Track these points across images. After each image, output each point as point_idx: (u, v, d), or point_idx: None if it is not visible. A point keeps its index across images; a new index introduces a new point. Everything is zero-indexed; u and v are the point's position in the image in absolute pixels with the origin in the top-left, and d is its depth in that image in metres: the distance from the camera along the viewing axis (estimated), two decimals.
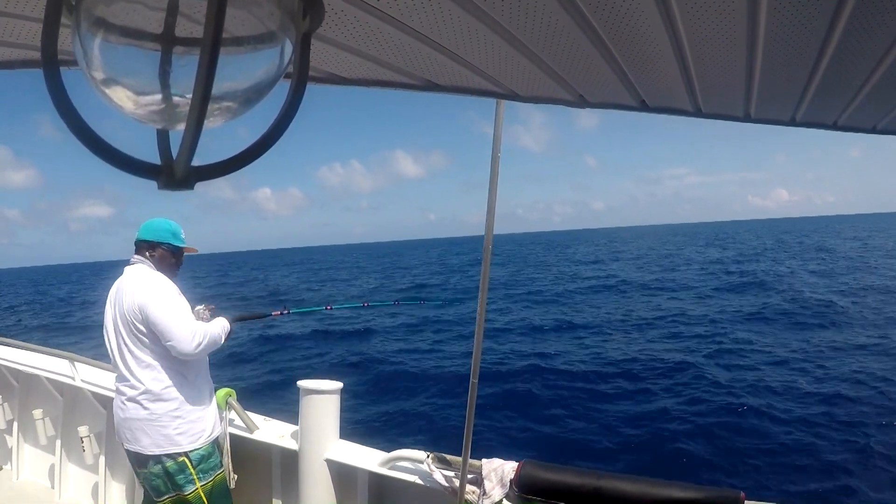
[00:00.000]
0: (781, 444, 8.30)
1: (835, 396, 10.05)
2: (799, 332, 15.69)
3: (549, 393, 11.21)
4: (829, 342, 14.24)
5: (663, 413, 9.76)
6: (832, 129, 1.70)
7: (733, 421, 9.22)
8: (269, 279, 56.78)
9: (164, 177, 0.63)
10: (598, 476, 2.76)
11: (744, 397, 10.22)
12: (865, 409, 9.37)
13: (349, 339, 18.25)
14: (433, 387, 11.98)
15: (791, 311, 18.55)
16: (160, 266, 3.23)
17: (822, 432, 8.59)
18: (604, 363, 13.23)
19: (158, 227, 3.29)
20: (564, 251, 76.19)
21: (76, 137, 0.59)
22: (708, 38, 1.07)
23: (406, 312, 22.44)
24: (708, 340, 15.09)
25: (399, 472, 3.31)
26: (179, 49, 0.66)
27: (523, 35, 1.08)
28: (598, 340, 15.99)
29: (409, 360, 14.86)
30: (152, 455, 3.03)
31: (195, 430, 3.08)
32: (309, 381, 3.54)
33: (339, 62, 1.23)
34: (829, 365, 12.03)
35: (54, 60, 0.58)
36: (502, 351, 15.05)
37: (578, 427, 9.38)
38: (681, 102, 1.50)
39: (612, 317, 19.78)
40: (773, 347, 14.05)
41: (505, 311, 22.52)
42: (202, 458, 3.10)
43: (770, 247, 58.10)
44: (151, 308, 2.99)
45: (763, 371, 11.89)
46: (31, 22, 0.97)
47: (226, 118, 0.70)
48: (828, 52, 1.12)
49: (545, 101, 1.51)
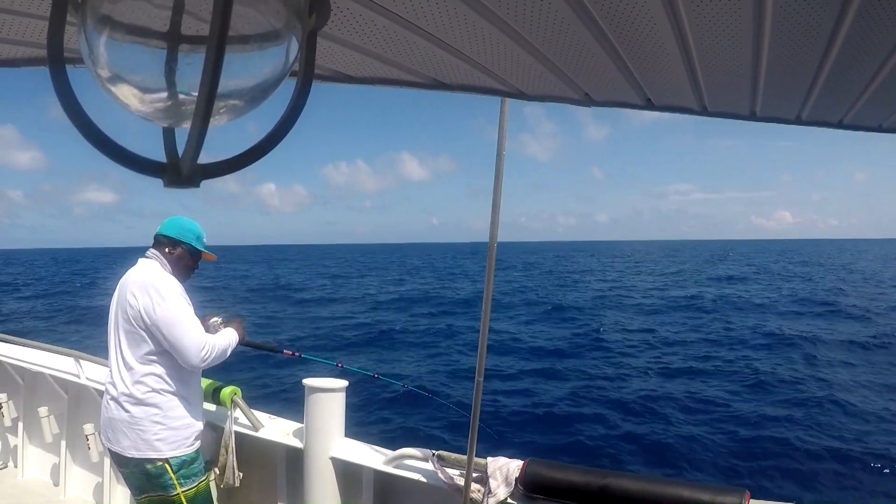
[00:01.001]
0: (791, 444, 8.28)
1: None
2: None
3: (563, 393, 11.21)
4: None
5: (671, 413, 9.74)
6: (838, 127, 1.69)
7: (744, 421, 9.21)
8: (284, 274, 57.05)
9: (170, 174, 0.63)
10: (603, 475, 2.76)
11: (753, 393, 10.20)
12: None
13: (361, 341, 18.27)
14: (440, 385, 11.98)
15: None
16: (176, 266, 3.15)
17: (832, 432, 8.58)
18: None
19: (184, 226, 3.23)
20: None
21: (82, 135, 0.59)
22: (714, 35, 1.07)
23: (418, 313, 22.49)
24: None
25: (404, 470, 3.31)
26: (185, 47, 0.66)
27: (529, 33, 1.08)
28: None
29: (417, 358, 14.88)
30: (132, 458, 2.97)
31: (177, 437, 3.00)
32: (314, 379, 3.54)
33: (344, 60, 1.23)
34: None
35: (60, 58, 0.59)
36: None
37: (584, 425, 9.37)
38: (686, 101, 1.49)
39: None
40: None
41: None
42: (183, 464, 3.02)
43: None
44: (160, 314, 2.91)
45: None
46: (37, 20, 0.97)
47: (231, 116, 0.70)
48: (834, 50, 1.11)
49: (551, 100, 1.51)
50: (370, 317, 23.43)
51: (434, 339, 18.12)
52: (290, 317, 23.89)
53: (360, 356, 15.09)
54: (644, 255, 69.69)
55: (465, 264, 74.74)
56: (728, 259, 75.00)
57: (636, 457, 8.07)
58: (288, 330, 20.22)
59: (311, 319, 23.09)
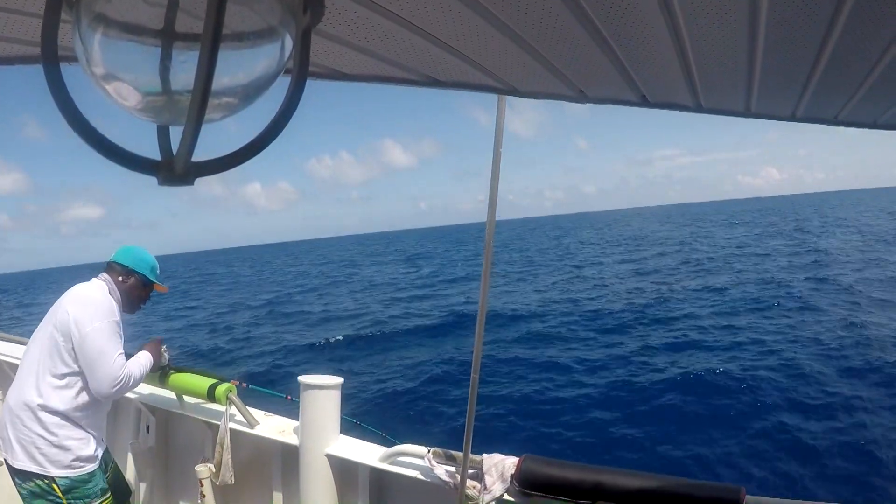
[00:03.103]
0: (785, 439, 8.32)
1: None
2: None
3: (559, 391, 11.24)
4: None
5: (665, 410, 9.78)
6: (833, 123, 1.70)
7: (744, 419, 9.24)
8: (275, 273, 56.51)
9: (165, 172, 0.63)
10: (598, 471, 2.76)
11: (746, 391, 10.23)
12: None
13: (358, 338, 18.25)
14: (435, 382, 12.01)
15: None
16: (126, 295, 3.16)
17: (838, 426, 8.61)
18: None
19: (140, 257, 3.24)
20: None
21: (76, 133, 0.59)
22: (709, 32, 1.07)
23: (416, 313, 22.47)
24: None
25: (400, 467, 3.32)
26: (180, 44, 0.66)
27: (523, 30, 1.08)
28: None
29: (415, 355, 14.89)
30: (20, 469, 2.93)
31: (63, 457, 2.94)
32: (309, 376, 3.54)
33: (339, 57, 1.23)
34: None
35: (54, 56, 0.58)
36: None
37: (580, 422, 9.40)
38: (681, 97, 1.50)
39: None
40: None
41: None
42: (73, 487, 2.96)
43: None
44: (88, 333, 2.89)
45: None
46: (31, 17, 0.97)
47: (226, 114, 0.70)
48: (829, 47, 1.11)
49: (545, 97, 1.51)
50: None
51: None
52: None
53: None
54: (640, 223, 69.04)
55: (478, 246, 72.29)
56: (739, 223, 73.40)
57: (632, 452, 8.11)
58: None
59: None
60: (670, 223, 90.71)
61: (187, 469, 3.95)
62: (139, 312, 3.34)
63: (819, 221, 60.82)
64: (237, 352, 17.27)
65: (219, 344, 18.75)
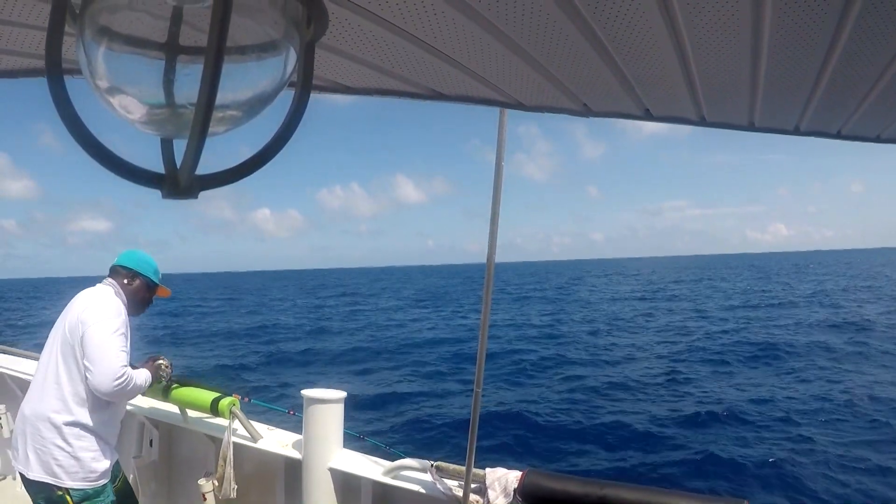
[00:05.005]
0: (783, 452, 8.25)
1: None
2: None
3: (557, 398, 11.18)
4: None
5: (668, 423, 9.71)
6: (836, 137, 1.69)
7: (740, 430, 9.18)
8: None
9: (168, 186, 0.63)
10: (601, 485, 2.74)
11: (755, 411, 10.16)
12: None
13: (357, 351, 18.19)
14: (438, 397, 11.96)
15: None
16: (132, 297, 3.17)
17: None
18: None
19: (143, 259, 3.27)
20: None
21: (80, 147, 0.59)
22: (712, 46, 1.07)
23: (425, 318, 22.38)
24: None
25: (403, 481, 3.29)
26: (183, 58, 0.66)
27: (528, 44, 1.08)
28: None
29: (415, 369, 14.84)
30: (34, 480, 2.93)
31: (80, 468, 2.93)
32: (313, 390, 3.53)
33: (343, 71, 1.23)
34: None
35: (58, 69, 0.58)
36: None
37: (584, 435, 9.34)
38: (685, 111, 1.49)
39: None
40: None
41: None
42: (86, 498, 2.95)
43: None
44: (91, 328, 2.89)
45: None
46: (34, 30, 0.97)
47: (230, 127, 0.70)
48: (832, 61, 1.11)
49: (549, 111, 1.51)
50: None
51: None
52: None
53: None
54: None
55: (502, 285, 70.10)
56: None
57: (636, 467, 8.04)
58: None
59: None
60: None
61: (190, 483, 3.93)
62: (143, 315, 3.35)
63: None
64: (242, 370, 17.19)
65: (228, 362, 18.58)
